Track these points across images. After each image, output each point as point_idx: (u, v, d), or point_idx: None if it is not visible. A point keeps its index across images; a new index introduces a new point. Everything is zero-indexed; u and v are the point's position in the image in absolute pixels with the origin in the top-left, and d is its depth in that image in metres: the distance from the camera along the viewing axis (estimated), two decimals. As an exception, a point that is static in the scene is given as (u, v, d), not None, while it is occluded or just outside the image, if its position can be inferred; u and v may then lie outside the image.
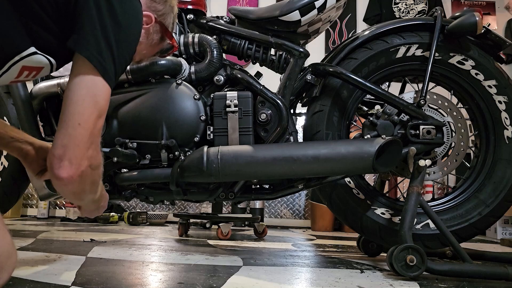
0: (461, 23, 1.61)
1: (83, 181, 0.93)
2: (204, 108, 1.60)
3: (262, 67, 1.79)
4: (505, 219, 3.19)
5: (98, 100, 0.93)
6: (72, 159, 0.89)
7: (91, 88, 0.92)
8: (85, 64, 0.91)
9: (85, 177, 0.92)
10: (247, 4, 4.41)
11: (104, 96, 0.95)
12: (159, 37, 1.22)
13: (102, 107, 0.94)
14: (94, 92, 0.92)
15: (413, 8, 4.37)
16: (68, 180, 0.90)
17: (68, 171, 0.89)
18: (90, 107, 0.91)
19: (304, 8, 1.61)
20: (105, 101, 0.95)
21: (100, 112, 0.94)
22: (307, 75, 1.67)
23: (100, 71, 0.91)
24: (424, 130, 1.61)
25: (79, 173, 0.90)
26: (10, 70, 0.93)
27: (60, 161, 0.89)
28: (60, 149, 0.89)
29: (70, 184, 0.91)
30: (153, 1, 1.16)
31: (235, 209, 3.53)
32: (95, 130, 0.93)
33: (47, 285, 1.06)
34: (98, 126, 0.94)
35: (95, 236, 2.25)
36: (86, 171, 0.92)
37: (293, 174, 1.48)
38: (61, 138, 0.90)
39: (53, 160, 0.90)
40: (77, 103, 0.91)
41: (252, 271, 1.37)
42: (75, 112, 0.91)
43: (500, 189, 1.63)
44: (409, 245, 1.33)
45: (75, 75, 0.92)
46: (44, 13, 0.89)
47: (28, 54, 0.91)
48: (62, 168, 0.89)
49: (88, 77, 0.91)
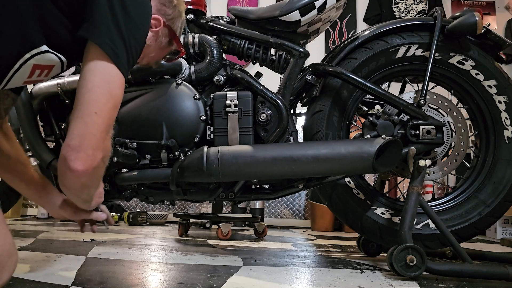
0: (461, 23, 1.61)
1: (95, 174, 0.90)
2: (204, 108, 1.60)
3: (262, 67, 1.79)
4: (505, 219, 3.19)
5: (113, 88, 0.91)
6: (88, 150, 0.86)
7: (105, 75, 0.90)
8: (98, 52, 0.89)
9: (98, 169, 0.90)
10: (247, 4, 4.41)
11: (118, 85, 0.92)
12: (167, 41, 1.22)
13: (117, 96, 0.92)
14: (108, 80, 0.90)
15: (413, 8, 4.37)
16: (83, 172, 0.86)
17: (85, 162, 0.86)
18: (105, 95, 0.89)
19: (304, 8, 1.61)
20: (119, 90, 0.93)
21: (115, 101, 0.92)
22: (307, 75, 1.67)
23: (112, 58, 0.89)
24: (424, 130, 1.61)
25: (95, 165, 0.87)
26: (22, 68, 0.91)
27: (76, 152, 0.86)
28: (76, 139, 0.86)
29: (83, 176, 0.87)
30: (163, 5, 1.16)
31: (235, 209, 3.53)
32: (111, 120, 0.91)
33: (47, 285, 1.06)
34: (113, 116, 0.92)
35: (95, 236, 2.25)
36: (100, 163, 0.89)
37: (293, 174, 1.48)
38: (77, 127, 0.87)
39: (68, 152, 0.86)
40: (92, 90, 0.88)
41: (252, 271, 1.37)
42: (90, 100, 0.88)
43: (500, 189, 1.63)
44: (409, 245, 1.33)
45: (88, 63, 0.89)
46: (57, 8, 0.88)
47: (39, 52, 0.90)
48: (78, 160, 0.86)
49: (101, 64, 0.89)
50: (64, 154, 0.87)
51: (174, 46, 1.26)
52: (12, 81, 0.93)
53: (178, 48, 1.28)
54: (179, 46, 1.27)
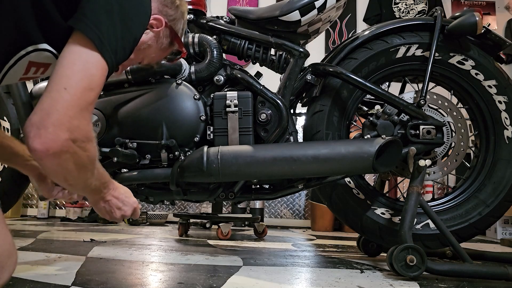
0: (461, 23, 1.61)
1: (64, 158, 0.80)
2: (204, 108, 1.60)
3: (262, 67, 1.79)
4: (505, 219, 3.19)
5: (90, 68, 0.84)
6: (49, 127, 0.77)
7: (83, 55, 0.84)
8: (80, 36, 0.84)
9: (66, 152, 0.80)
10: (247, 4, 4.41)
11: (98, 68, 0.85)
12: (168, 42, 1.21)
13: (93, 77, 0.84)
14: (86, 59, 0.84)
15: (413, 8, 4.37)
16: (43, 153, 0.78)
17: (44, 140, 0.77)
18: (79, 73, 0.82)
19: (304, 8, 1.61)
20: (98, 72, 0.86)
21: (91, 82, 0.84)
22: (307, 75, 1.67)
23: (96, 44, 0.84)
24: (424, 130, 1.61)
25: (58, 146, 0.78)
26: (17, 65, 0.89)
27: (37, 129, 0.77)
28: (38, 114, 0.78)
29: (47, 158, 0.79)
30: (165, 5, 1.16)
31: (235, 209, 3.53)
32: (83, 101, 0.82)
33: (47, 285, 1.06)
34: (88, 98, 0.83)
35: (95, 236, 2.25)
36: (67, 145, 0.79)
37: (293, 174, 1.48)
38: (42, 102, 0.79)
39: (28, 128, 0.78)
40: (66, 66, 0.82)
41: (252, 271, 1.37)
42: (62, 75, 0.81)
43: (500, 189, 1.63)
44: (409, 245, 1.33)
45: (68, 46, 0.85)
46: (55, 6, 0.86)
47: (35, 49, 0.88)
48: (37, 137, 0.77)
49: (81, 46, 0.84)
50: (24, 131, 0.79)
51: (175, 46, 1.26)
52: (8, 77, 0.92)
53: (180, 48, 1.28)
54: (180, 46, 1.27)
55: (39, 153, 0.78)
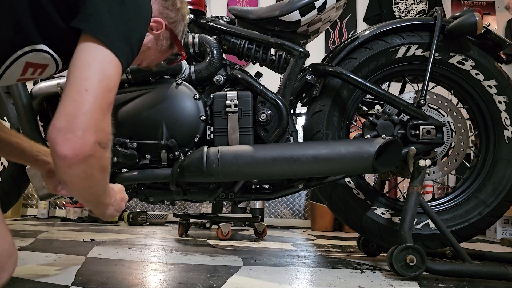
0: (461, 23, 1.61)
1: (91, 163, 0.79)
2: (204, 108, 1.60)
3: (262, 67, 1.79)
4: (505, 219, 3.19)
5: (107, 68, 0.83)
6: (77, 131, 0.75)
7: (98, 55, 0.82)
8: (90, 39, 0.83)
9: (94, 157, 0.78)
10: (247, 4, 4.41)
11: (114, 67, 0.84)
12: (168, 44, 1.20)
13: (111, 77, 0.83)
14: (102, 59, 0.83)
15: (413, 8, 4.37)
16: (73, 158, 0.75)
17: (74, 146, 0.75)
18: (98, 73, 0.81)
19: (304, 8, 1.61)
20: (114, 72, 0.84)
21: (110, 82, 0.83)
22: (307, 75, 1.67)
23: (107, 45, 0.83)
24: (424, 130, 1.61)
25: (87, 150, 0.76)
26: (13, 65, 0.89)
27: (64, 134, 0.75)
28: (63, 119, 0.76)
29: (76, 164, 0.76)
30: (166, 8, 1.15)
31: (235, 209, 3.53)
32: (105, 102, 0.81)
33: (47, 285, 1.06)
34: (108, 99, 0.82)
35: (95, 236, 2.25)
36: (94, 148, 0.77)
37: (293, 174, 1.48)
38: (64, 106, 0.77)
39: (54, 134, 0.75)
40: (83, 68, 0.80)
41: (252, 271, 1.37)
42: (80, 77, 0.79)
43: (500, 189, 1.63)
44: (409, 245, 1.33)
45: (80, 47, 0.83)
46: (54, 6, 0.86)
47: (32, 50, 0.88)
48: (66, 143, 0.74)
49: (95, 46, 0.83)
50: (50, 137, 0.76)
51: (175, 49, 1.25)
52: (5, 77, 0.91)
53: (180, 51, 1.27)
54: (180, 49, 1.26)
55: (69, 159, 0.76)
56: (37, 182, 1.47)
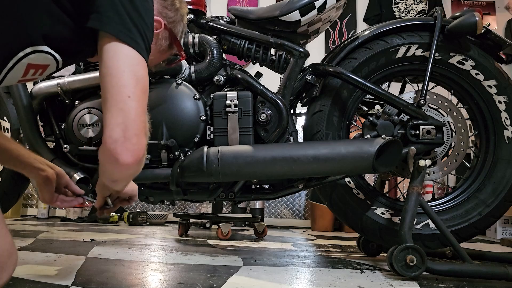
0: (461, 23, 1.61)
1: (143, 161, 0.85)
2: (204, 108, 1.60)
3: (262, 67, 1.79)
4: (505, 219, 3.19)
5: (138, 70, 0.86)
6: (133, 139, 0.81)
7: (127, 59, 0.85)
8: (114, 40, 0.85)
9: (144, 155, 0.85)
10: (247, 4, 4.41)
11: (142, 66, 0.88)
12: (168, 44, 1.21)
13: (143, 78, 0.87)
14: (132, 63, 0.86)
15: (413, 8, 4.37)
16: (133, 163, 0.81)
17: (133, 153, 0.81)
18: (133, 78, 0.84)
19: (304, 8, 1.61)
20: (144, 72, 0.88)
21: (144, 83, 0.87)
22: (307, 75, 1.67)
23: (131, 44, 0.86)
24: (424, 130, 1.61)
25: (143, 152, 0.83)
26: (15, 67, 0.89)
27: (122, 144, 0.80)
28: (117, 129, 0.81)
29: (133, 167, 0.83)
30: (165, 7, 1.15)
31: (235, 209, 3.53)
32: (144, 103, 0.86)
33: (47, 285, 1.06)
34: (145, 99, 0.87)
35: (95, 236, 2.25)
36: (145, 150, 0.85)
37: (293, 174, 1.48)
38: (114, 116, 0.81)
39: (113, 145, 0.80)
40: (118, 76, 0.84)
41: (252, 271, 1.37)
42: (120, 85, 0.83)
43: (500, 189, 1.63)
44: (409, 245, 1.33)
45: (106, 52, 0.85)
46: (58, 6, 0.86)
47: (33, 51, 0.88)
48: (126, 152, 0.80)
49: (121, 50, 0.85)
50: (109, 148, 0.81)
51: (174, 50, 1.25)
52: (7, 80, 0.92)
53: (179, 52, 1.27)
54: (179, 50, 1.26)
55: (132, 165, 0.82)
56: (37, 182, 1.47)
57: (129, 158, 0.81)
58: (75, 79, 1.56)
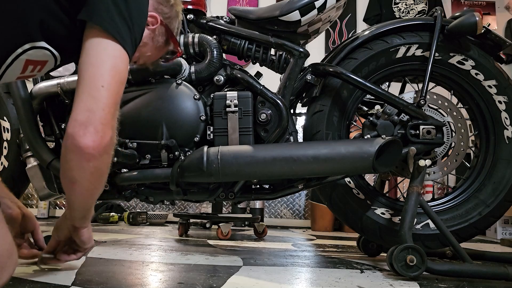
0: (461, 23, 1.61)
1: (104, 159, 0.84)
2: (204, 108, 1.60)
3: (262, 67, 1.79)
4: (505, 219, 3.19)
5: (118, 63, 0.87)
6: (98, 126, 0.81)
7: (109, 51, 0.86)
8: (99, 31, 0.86)
9: (107, 153, 0.84)
10: (247, 4, 4.41)
11: (123, 60, 0.88)
12: (164, 40, 1.21)
13: (122, 72, 0.88)
14: (113, 54, 0.86)
15: (413, 8, 4.37)
16: (93, 150, 0.81)
17: (95, 138, 0.80)
18: (111, 70, 0.85)
19: (304, 8, 1.61)
20: (125, 66, 0.89)
21: (121, 77, 0.87)
22: (307, 75, 1.67)
23: (115, 37, 0.86)
24: (424, 130, 1.61)
25: (105, 143, 0.82)
26: (14, 64, 0.89)
27: (85, 128, 0.80)
28: (84, 113, 0.81)
29: (94, 158, 0.82)
30: (160, 3, 1.15)
31: (235, 209, 3.53)
32: (118, 96, 0.86)
33: (47, 285, 1.06)
34: (120, 92, 0.87)
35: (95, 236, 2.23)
36: (110, 143, 0.84)
37: (293, 174, 1.48)
38: (84, 101, 0.82)
39: (76, 128, 0.81)
40: (96, 65, 0.85)
41: (252, 271, 1.37)
42: (96, 75, 0.84)
43: (500, 189, 1.63)
44: (409, 245, 1.33)
45: (89, 41, 0.86)
46: (55, 2, 0.87)
47: (32, 47, 0.88)
48: (88, 135, 0.80)
49: (104, 41, 0.86)
50: (71, 131, 0.82)
51: (171, 46, 1.25)
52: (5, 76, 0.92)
53: (175, 48, 1.27)
54: (176, 46, 1.26)
55: (91, 149, 0.80)
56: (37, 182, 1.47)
57: (89, 142, 0.80)
58: (75, 79, 1.55)
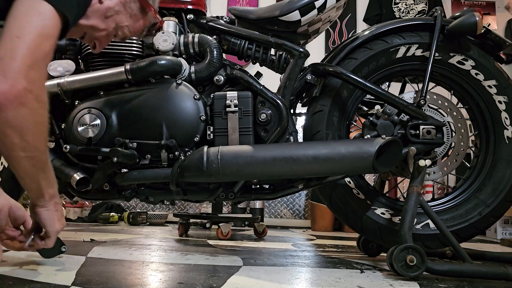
0: (461, 23, 1.61)
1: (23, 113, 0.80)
2: (204, 108, 1.60)
3: (262, 67, 1.79)
4: (505, 219, 3.19)
5: (44, 19, 0.84)
6: (6, 72, 0.78)
7: (35, 5, 0.84)
8: None
9: (25, 106, 0.80)
10: (247, 4, 4.41)
11: (51, 18, 0.86)
12: (138, 8, 1.18)
13: (46, 26, 0.85)
14: (38, 9, 0.84)
15: (413, 8, 4.37)
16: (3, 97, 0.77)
17: (4, 86, 0.78)
18: (32, 22, 0.83)
19: (304, 8, 1.61)
20: (51, 22, 0.86)
21: (46, 32, 0.85)
22: (307, 75, 1.67)
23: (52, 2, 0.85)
24: (424, 130, 1.61)
25: (17, 92, 0.78)
26: None
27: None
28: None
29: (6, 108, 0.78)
30: None
31: (235, 209, 3.53)
32: (39, 51, 0.83)
33: (47, 285, 1.06)
34: (43, 48, 0.84)
35: (95, 236, 2.25)
36: (25, 95, 0.80)
37: (293, 174, 1.48)
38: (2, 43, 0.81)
39: None
40: (18, 17, 0.83)
41: (252, 271, 1.37)
42: (14, 26, 0.82)
43: (500, 189, 1.63)
44: (409, 245, 1.33)
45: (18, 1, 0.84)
46: None
47: None
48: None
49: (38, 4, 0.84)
50: None
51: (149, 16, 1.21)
52: None
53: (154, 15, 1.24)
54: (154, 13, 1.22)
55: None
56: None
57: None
58: (75, 79, 1.56)
